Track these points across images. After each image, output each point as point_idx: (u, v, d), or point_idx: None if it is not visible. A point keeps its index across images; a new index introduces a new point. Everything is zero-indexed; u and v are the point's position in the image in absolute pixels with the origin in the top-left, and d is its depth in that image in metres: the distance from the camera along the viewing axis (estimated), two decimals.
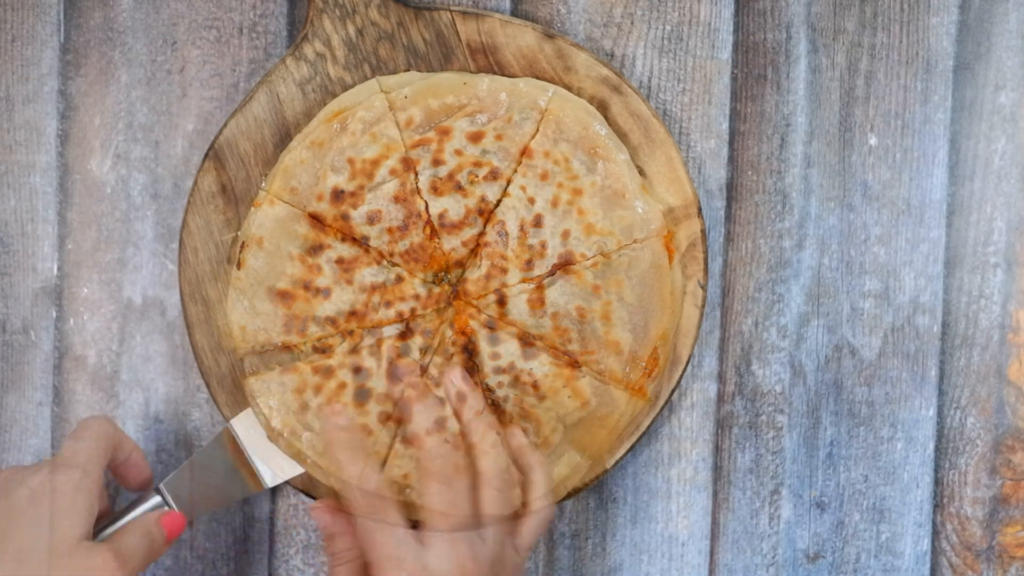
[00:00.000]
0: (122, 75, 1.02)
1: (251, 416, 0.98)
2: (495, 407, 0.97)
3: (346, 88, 0.99)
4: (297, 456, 0.97)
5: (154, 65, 1.02)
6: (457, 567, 0.86)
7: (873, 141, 1.03)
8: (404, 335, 0.97)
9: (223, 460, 0.97)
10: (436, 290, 0.97)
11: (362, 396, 0.96)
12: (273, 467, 0.98)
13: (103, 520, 0.93)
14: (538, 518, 0.91)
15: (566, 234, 0.97)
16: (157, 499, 0.95)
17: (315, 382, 0.97)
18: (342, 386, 0.96)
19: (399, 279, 0.97)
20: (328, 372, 0.97)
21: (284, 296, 0.97)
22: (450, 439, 0.90)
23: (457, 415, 0.92)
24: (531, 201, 0.97)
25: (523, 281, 0.97)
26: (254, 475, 0.98)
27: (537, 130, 0.97)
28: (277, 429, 0.97)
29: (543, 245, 0.97)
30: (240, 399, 1.00)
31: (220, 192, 1.00)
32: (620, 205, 0.97)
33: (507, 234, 0.97)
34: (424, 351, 0.97)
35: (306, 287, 0.97)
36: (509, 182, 0.97)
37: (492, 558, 0.87)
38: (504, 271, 0.97)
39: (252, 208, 0.97)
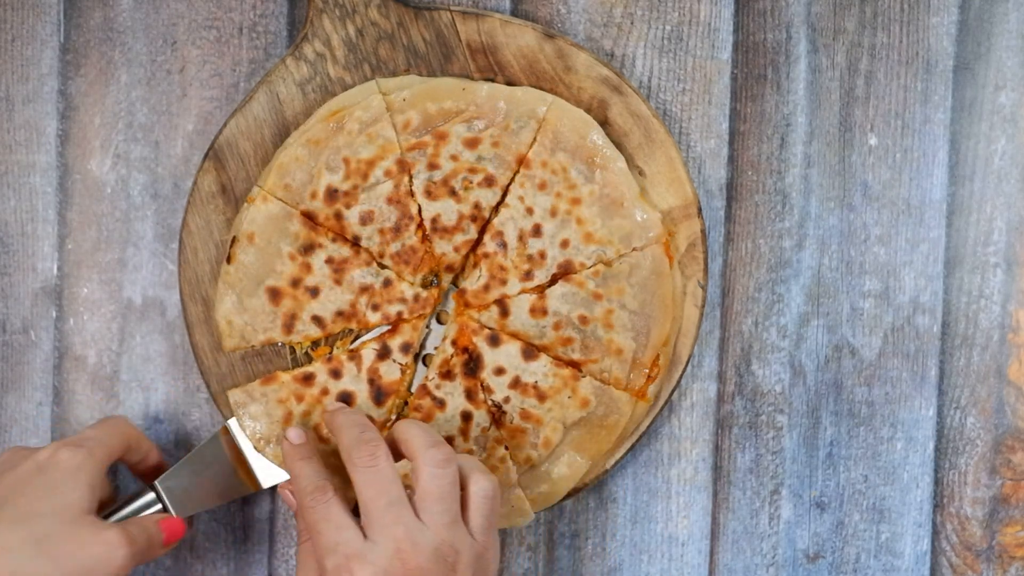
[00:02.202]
0: (122, 75, 1.02)
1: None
2: (496, 409, 0.97)
3: (346, 88, 0.99)
4: (284, 466, 0.96)
5: (154, 65, 1.02)
6: (395, 552, 0.85)
7: (873, 141, 1.03)
8: (385, 343, 0.97)
9: (220, 459, 0.97)
10: (425, 294, 0.97)
11: (344, 401, 0.97)
12: (270, 468, 0.98)
13: (104, 510, 0.94)
14: (480, 498, 0.89)
15: (565, 243, 0.97)
16: (151, 495, 0.95)
17: (295, 390, 0.97)
18: (324, 392, 0.97)
19: (388, 282, 0.97)
20: (308, 379, 0.97)
21: (273, 293, 0.97)
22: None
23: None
24: (529, 211, 0.97)
25: (523, 292, 0.97)
26: (251, 475, 0.98)
27: (535, 139, 0.97)
28: (263, 439, 0.97)
29: (542, 255, 0.97)
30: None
31: (220, 192, 0.99)
32: (619, 213, 0.97)
33: (506, 244, 0.97)
34: (405, 350, 0.97)
35: (295, 285, 0.97)
36: (505, 190, 0.97)
37: (435, 544, 0.85)
38: (503, 281, 0.97)
39: (245, 204, 0.97)
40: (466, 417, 0.97)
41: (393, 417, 0.97)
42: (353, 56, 0.99)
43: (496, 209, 0.97)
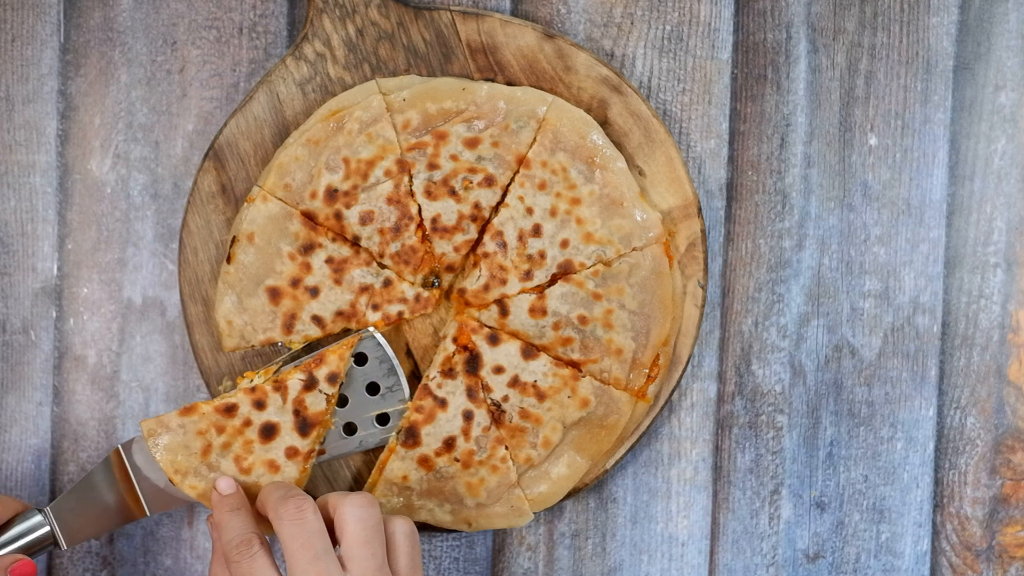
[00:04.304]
0: (122, 75, 1.02)
1: (140, 441, 0.95)
2: (495, 408, 0.97)
3: (346, 88, 0.99)
4: (203, 498, 0.94)
5: (154, 65, 1.02)
6: None
7: (873, 141, 1.03)
8: (312, 373, 0.95)
9: (109, 485, 0.95)
10: (426, 294, 0.97)
11: (268, 432, 0.94)
12: (159, 494, 0.96)
13: None
14: (402, 538, 0.89)
15: (565, 243, 0.97)
16: (38, 518, 0.94)
17: (216, 421, 0.94)
18: (246, 423, 0.94)
19: (388, 282, 0.97)
20: (230, 410, 0.94)
21: (273, 293, 0.97)
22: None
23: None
24: (529, 211, 0.97)
25: (523, 291, 0.97)
26: (138, 501, 0.95)
27: (535, 139, 0.97)
28: (179, 472, 0.94)
29: (542, 255, 0.97)
30: None
31: (220, 192, 0.99)
32: (618, 214, 0.97)
33: (506, 244, 0.97)
34: (332, 380, 0.95)
35: (295, 285, 0.97)
36: (505, 191, 0.97)
37: None
38: (503, 281, 0.97)
39: (245, 204, 0.97)
40: (467, 416, 0.97)
41: (317, 448, 0.95)
42: (353, 56, 0.99)
43: (496, 209, 0.97)
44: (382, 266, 0.97)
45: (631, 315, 0.97)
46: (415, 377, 1.00)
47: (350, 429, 0.97)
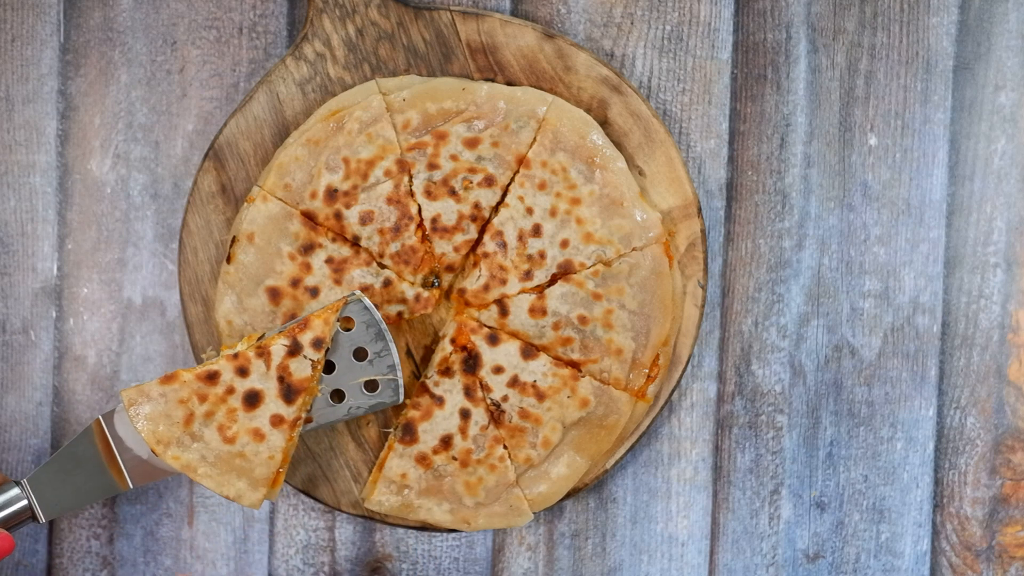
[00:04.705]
0: (122, 75, 1.02)
1: (121, 411, 0.94)
2: (494, 408, 0.97)
3: (346, 88, 0.99)
4: (186, 469, 0.92)
5: (154, 65, 1.02)
6: None
7: (873, 141, 1.03)
8: (296, 338, 0.93)
9: (91, 457, 0.93)
10: (426, 294, 0.97)
11: (252, 400, 0.93)
12: (141, 465, 0.94)
13: None
14: None
15: (565, 243, 0.97)
16: (15, 491, 0.93)
17: (198, 389, 0.92)
18: (229, 391, 0.92)
19: (388, 282, 0.97)
20: (212, 378, 0.92)
21: (273, 293, 0.97)
22: None
23: None
24: (529, 211, 0.97)
25: (522, 291, 0.97)
26: (121, 473, 0.94)
27: (534, 139, 0.97)
28: (161, 442, 0.92)
29: (542, 255, 0.97)
30: None
31: (220, 192, 1.00)
32: (618, 214, 0.97)
33: (506, 244, 0.97)
34: (316, 346, 0.92)
35: (295, 285, 0.97)
36: (505, 191, 0.97)
37: None
38: (503, 281, 0.97)
39: (245, 204, 0.97)
40: (465, 415, 0.97)
41: (303, 415, 0.94)
42: (353, 56, 0.99)
43: (496, 209, 0.97)
44: (382, 266, 0.97)
45: (631, 315, 0.97)
46: (415, 377, 1.00)
47: (338, 396, 0.95)
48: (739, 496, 1.03)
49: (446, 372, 0.97)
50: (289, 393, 0.93)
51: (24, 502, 0.93)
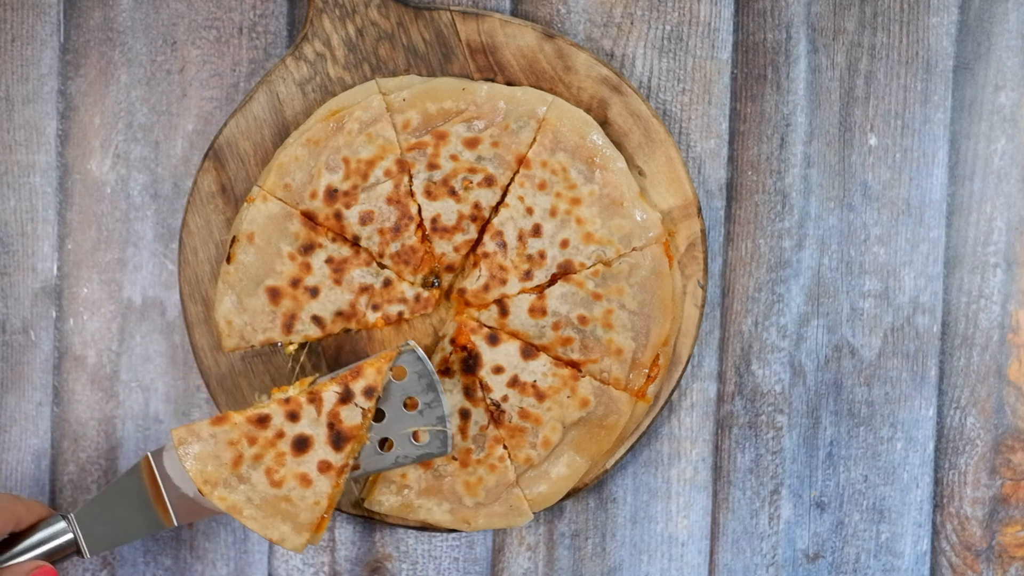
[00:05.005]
0: (122, 75, 1.02)
1: (171, 449, 0.94)
2: (494, 408, 0.97)
3: (346, 88, 0.99)
4: (232, 510, 0.92)
5: (154, 65, 1.02)
6: None
7: (873, 141, 1.03)
8: (348, 386, 0.93)
9: (137, 493, 0.94)
10: (426, 294, 0.97)
11: (301, 445, 0.93)
12: (187, 504, 0.94)
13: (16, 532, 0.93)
14: None
15: (565, 243, 0.97)
16: (61, 525, 0.93)
17: (248, 432, 0.92)
18: (279, 435, 0.92)
19: (388, 282, 0.97)
20: (263, 421, 0.92)
21: (273, 293, 0.97)
22: None
23: None
24: (529, 211, 0.97)
25: (522, 291, 0.97)
26: (167, 510, 0.94)
27: (534, 139, 0.97)
28: (208, 482, 0.92)
29: (542, 255, 0.97)
30: (239, 399, 1.00)
31: (220, 192, 1.00)
32: (618, 214, 0.97)
33: (506, 244, 0.97)
34: (368, 394, 0.92)
35: (295, 285, 0.97)
36: (505, 191, 0.97)
37: None
38: (503, 281, 0.97)
39: (245, 204, 0.97)
40: (464, 415, 0.97)
41: (351, 463, 0.93)
42: (353, 56, 0.99)
43: (496, 209, 0.97)
44: (382, 266, 0.97)
45: (631, 315, 0.97)
46: None
47: (386, 445, 0.95)
48: (739, 496, 1.03)
49: (446, 372, 0.97)
50: (338, 440, 0.93)
51: (70, 535, 0.94)
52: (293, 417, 0.92)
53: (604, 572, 1.04)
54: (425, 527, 1.00)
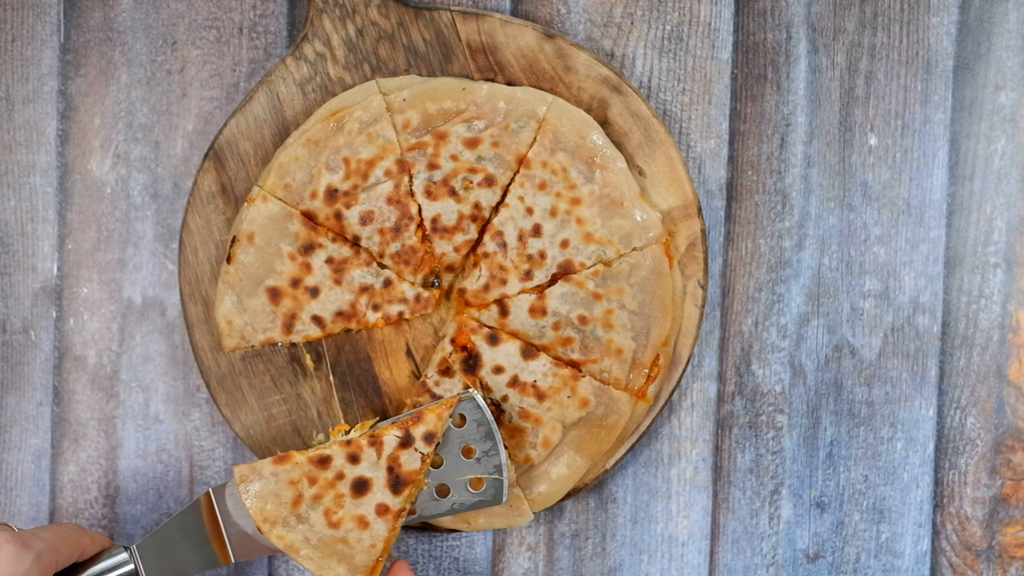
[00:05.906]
0: (122, 75, 1.02)
1: (232, 486, 0.95)
2: (494, 408, 0.97)
3: (346, 88, 0.99)
4: (289, 549, 0.93)
5: (154, 65, 1.02)
6: None
7: (873, 141, 1.03)
8: (408, 430, 0.93)
9: (197, 529, 0.94)
10: (426, 294, 0.97)
11: (360, 487, 0.93)
12: (245, 542, 0.95)
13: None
14: None
15: (565, 243, 0.97)
16: (123, 556, 0.94)
17: (309, 472, 0.93)
18: (339, 476, 0.93)
19: (388, 282, 0.97)
20: (324, 462, 0.93)
21: (273, 293, 0.97)
22: None
23: None
24: (529, 211, 0.97)
25: (523, 291, 0.97)
26: (224, 547, 0.94)
27: (535, 139, 0.97)
28: (268, 520, 0.93)
29: (542, 254, 0.97)
30: (239, 399, 1.00)
31: (220, 192, 1.00)
32: (618, 214, 0.97)
33: (506, 244, 0.97)
34: (428, 440, 0.93)
35: (295, 285, 0.97)
36: (505, 191, 0.97)
37: None
38: (503, 281, 0.97)
39: (245, 204, 0.97)
40: None
41: (408, 507, 0.94)
42: (353, 56, 0.99)
43: (496, 209, 0.97)
44: (382, 266, 0.97)
45: (631, 315, 0.97)
46: (415, 376, 1.00)
47: (442, 491, 0.95)
48: (739, 496, 1.03)
49: (446, 372, 0.97)
50: (397, 484, 0.93)
51: (131, 567, 0.94)
52: (354, 459, 0.93)
53: (604, 572, 1.04)
54: (425, 527, 1.00)
